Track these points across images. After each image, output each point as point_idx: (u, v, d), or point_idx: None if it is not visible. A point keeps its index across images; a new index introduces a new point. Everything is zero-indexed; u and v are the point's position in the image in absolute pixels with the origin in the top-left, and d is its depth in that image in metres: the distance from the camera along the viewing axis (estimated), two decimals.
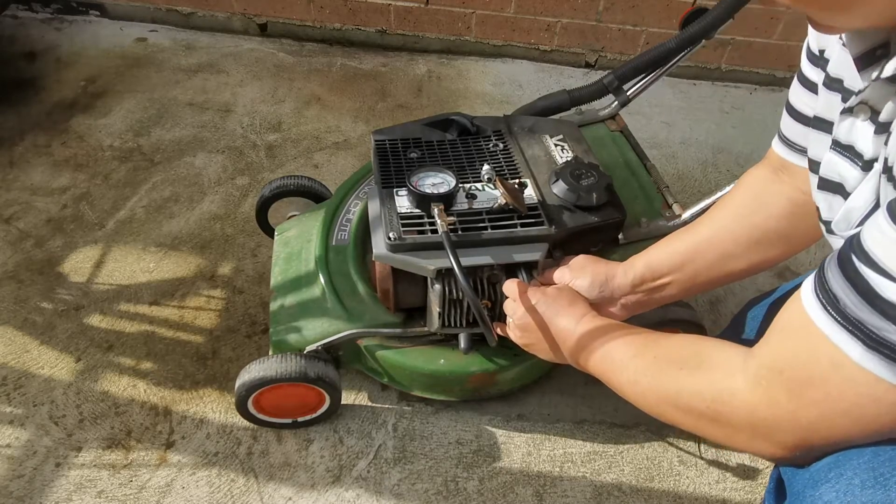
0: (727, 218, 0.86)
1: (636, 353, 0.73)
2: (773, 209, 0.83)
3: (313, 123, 1.75)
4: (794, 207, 0.82)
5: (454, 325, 1.01)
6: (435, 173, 0.96)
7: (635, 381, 0.72)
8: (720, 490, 1.07)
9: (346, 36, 2.05)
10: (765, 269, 0.91)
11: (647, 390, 0.70)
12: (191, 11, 2.03)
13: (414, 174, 0.95)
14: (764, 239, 0.85)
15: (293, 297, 1.07)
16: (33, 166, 1.57)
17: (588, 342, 0.79)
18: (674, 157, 1.71)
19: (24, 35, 1.98)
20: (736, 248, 0.85)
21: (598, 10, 1.90)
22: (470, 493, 1.05)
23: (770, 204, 0.84)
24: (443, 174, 0.96)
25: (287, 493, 1.03)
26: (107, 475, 1.04)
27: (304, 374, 0.98)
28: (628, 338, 0.76)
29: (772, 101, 1.93)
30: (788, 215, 0.83)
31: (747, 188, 0.86)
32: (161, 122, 1.72)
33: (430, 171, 0.96)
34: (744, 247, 0.85)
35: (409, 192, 0.94)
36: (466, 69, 1.99)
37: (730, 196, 0.88)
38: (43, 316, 1.26)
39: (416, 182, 0.94)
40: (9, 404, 1.12)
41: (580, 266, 0.92)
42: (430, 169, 0.97)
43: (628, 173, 1.12)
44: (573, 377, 1.21)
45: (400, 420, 1.13)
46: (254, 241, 1.42)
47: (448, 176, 0.95)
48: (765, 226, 0.84)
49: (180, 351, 1.22)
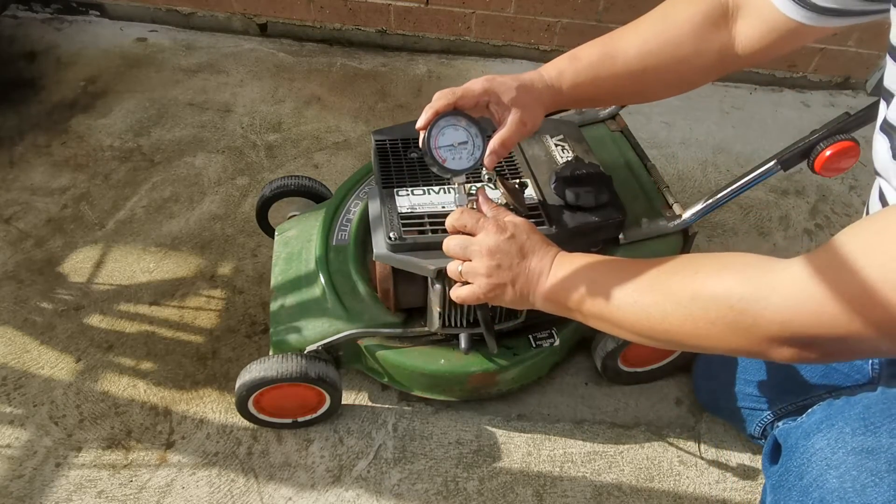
0: (644, 51, 0.80)
1: (636, 273, 0.65)
2: (696, 61, 0.79)
3: (313, 123, 1.75)
4: (721, 64, 0.79)
5: (454, 325, 1.01)
6: (459, 124, 0.78)
7: (634, 302, 0.64)
8: (720, 490, 1.07)
9: (346, 36, 2.05)
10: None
11: (651, 305, 0.63)
12: (191, 11, 2.03)
13: (437, 121, 0.77)
14: (663, 84, 0.82)
15: (293, 298, 1.07)
16: (33, 166, 1.57)
17: (573, 277, 0.70)
18: (674, 157, 1.71)
19: (24, 35, 1.98)
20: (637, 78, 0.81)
21: (598, 10, 1.90)
22: (470, 493, 1.05)
23: (699, 53, 0.78)
24: (468, 130, 0.79)
25: (287, 493, 1.03)
26: (107, 475, 1.04)
27: (305, 374, 0.98)
28: (620, 263, 0.70)
29: (772, 101, 1.94)
30: (707, 70, 0.80)
31: (682, 27, 0.79)
32: (161, 122, 1.72)
33: (453, 121, 0.78)
34: (641, 79, 0.81)
35: (425, 149, 0.77)
36: (466, 69, 1.99)
37: (659, 30, 0.80)
38: (43, 316, 1.26)
39: (436, 139, 0.77)
40: (9, 404, 1.12)
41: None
42: (454, 118, 0.78)
43: (628, 173, 1.12)
44: (573, 377, 1.21)
45: (400, 420, 1.13)
46: (254, 241, 1.42)
47: (473, 132, 0.79)
48: (676, 70, 0.80)
49: (180, 351, 1.22)
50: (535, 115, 0.80)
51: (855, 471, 0.61)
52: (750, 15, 0.75)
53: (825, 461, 0.64)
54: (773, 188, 1.63)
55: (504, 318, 1.02)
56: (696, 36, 0.78)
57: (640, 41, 0.80)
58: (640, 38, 0.80)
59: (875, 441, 0.62)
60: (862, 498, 0.60)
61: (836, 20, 0.69)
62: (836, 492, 0.62)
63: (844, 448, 0.63)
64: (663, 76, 0.81)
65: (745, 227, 1.54)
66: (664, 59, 0.80)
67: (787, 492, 0.68)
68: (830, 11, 0.68)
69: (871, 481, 0.60)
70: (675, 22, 0.79)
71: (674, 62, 0.80)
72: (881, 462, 0.60)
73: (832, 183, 1.68)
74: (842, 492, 0.61)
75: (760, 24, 0.74)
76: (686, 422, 1.16)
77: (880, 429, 0.62)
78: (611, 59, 0.81)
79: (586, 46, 0.83)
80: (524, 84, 0.79)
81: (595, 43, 0.83)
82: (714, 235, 1.51)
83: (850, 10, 0.67)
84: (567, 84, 0.82)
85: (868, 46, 1.87)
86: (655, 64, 0.80)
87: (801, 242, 1.51)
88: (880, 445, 0.61)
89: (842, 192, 1.67)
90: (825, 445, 0.65)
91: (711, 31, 0.77)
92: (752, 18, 0.75)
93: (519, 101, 0.78)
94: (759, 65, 0.81)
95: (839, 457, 0.63)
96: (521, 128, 0.78)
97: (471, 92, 0.77)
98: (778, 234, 1.52)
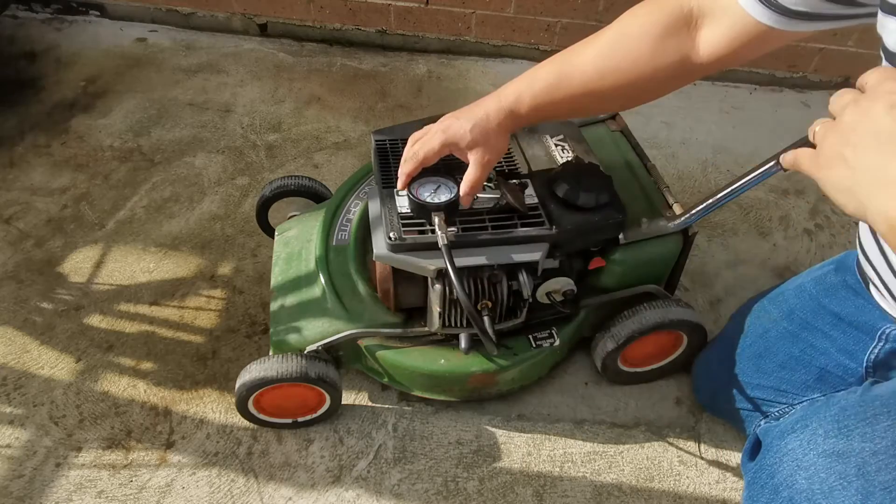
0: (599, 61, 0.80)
1: None
2: (656, 73, 0.78)
3: (313, 123, 1.75)
4: (683, 73, 0.78)
5: (455, 325, 1.01)
6: (436, 180, 0.93)
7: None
8: (720, 490, 1.07)
9: (346, 36, 2.05)
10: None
11: None
12: (191, 11, 2.03)
13: (414, 180, 0.92)
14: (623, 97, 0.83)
15: (293, 298, 1.07)
16: (33, 166, 1.57)
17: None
18: (674, 157, 1.71)
19: (24, 35, 1.98)
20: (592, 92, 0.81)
21: (598, 10, 1.89)
22: (470, 493, 1.05)
23: (659, 65, 0.77)
24: (444, 180, 0.93)
25: (287, 493, 1.03)
26: (107, 475, 1.04)
27: (305, 374, 0.98)
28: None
29: (772, 101, 1.93)
30: (668, 80, 0.79)
31: (640, 40, 0.78)
32: (161, 122, 1.72)
33: (430, 178, 0.93)
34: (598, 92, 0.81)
35: (409, 200, 0.91)
36: (466, 69, 1.99)
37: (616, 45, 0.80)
38: (43, 316, 1.26)
39: (417, 190, 0.92)
40: (9, 404, 1.12)
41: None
42: (430, 175, 0.94)
43: (628, 173, 1.12)
44: (573, 377, 1.21)
45: (400, 420, 1.13)
46: (254, 241, 1.42)
47: (449, 183, 0.93)
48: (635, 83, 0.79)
49: (180, 351, 1.22)
50: (495, 146, 0.86)
51: (824, 473, 0.62)
52: (716, 21, 0.74)
53: (796, 462, 0.64)
54: (773, 188, 1.63)
55: (504, 318, 1.02)
56: (655, 48, 0.77)
57: (598, 57, 0.80)
58: (598, 55, 0.81)
59: (846, 444, 0.62)
60: (829, 500, 0.60)
61: (805, 24, 0.68)
62: (805, 493, 0.62)
63: (815, 450, 0.63)
64: (623, 90, 0.81)
65: (745, 227, 1.54)
66: (622, 74, 0.79)
67: (759, 489, 0.69)
68: (800, 15, 0.66)
69: (840, 484, 0.60)
70: (633, 35, 0.79)
71: (633, 76, 0.79)
72: (850, 466, 0.60)
73: None
74: (810, 493, 0.62)
75: (727, 29, 0.73)
76: (686, 422, 1.16)
77: (853, 432, 0.63)
78: (567, 79, 0.82)
79: (545, 65, 0.84)
80: (478, 123, 0.84)
81: (553, 61, 0.84)
82: (714, 235, 1.51)
83: (821, 14, 0.66)
84: (525, 107, 0.85)
85: (868, 46, 1.87)
86: (613, 80, 0.80)
87: (801, 242, 1.51)
88: (851, 449, 0.61)
89: None
90: (797, 446, 0.65)
91: (671, 41, 0.77)
92: (718, 25, 0.74)
93: (476, 143, 0.84)
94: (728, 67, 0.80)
95: (810, 458, 0.63)
96: (484, 167, 0.86)
97: (432, 152, 0.86)
98: (778, 234, 1.52)
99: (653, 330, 1.05)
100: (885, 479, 0.59)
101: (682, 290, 1.38)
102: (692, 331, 1.10)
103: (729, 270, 1.43)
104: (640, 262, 1.04)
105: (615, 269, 1.04)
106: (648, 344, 1.11)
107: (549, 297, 1.02)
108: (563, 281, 1.00)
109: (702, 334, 1.12)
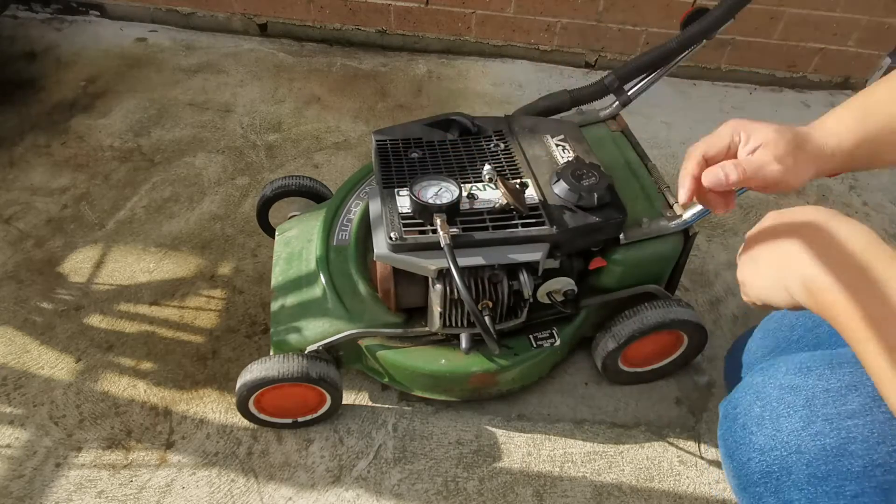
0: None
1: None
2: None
3: (313, 123, 1.75)
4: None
5: (455, 325, 1.01)
6: (438, 182, 0.93)
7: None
8: (720, 490, 1.07)
9: (346, 36, 2.05)
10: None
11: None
12: (191, 11, 2.03)
13: (416, 182, 0.92)
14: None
15: (294, 298, 1.07)
16: (33, 166, 1.57)
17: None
18: (674, 157, 1.71)
19: (24, 35, 1.98)
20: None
21: (598, 10, 1.90)
22: (470, 493, 1.05)
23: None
24: (446, 183, 0.93)
25: (287, 493, 1.03)
26: (107, 475, 1.04)
27: (306, 374, 0.98)
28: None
29: (772, 101, 1.94)
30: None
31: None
32: (161, 122, 1.72)
33: (432, 180, 0.94)
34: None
35: (411, 201, 0.91)
36: (466, 69, 1.99)
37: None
38: (43, 316, 1.26)
39: (419, 191, 0.92)
40: (9, 404, 1.12)
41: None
42: (432, 177, 0.94)
43: (629, 173, 1.12)
44: (573, 377, 1.21)
45: (400, 420, 1.13)
46: (254, 241, 1.42)
47: (451, 185, 0.93)
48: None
49: (180, 351, 1.22)
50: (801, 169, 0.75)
51: (776, 402, 0.68)
52: None
53: (756, 393, 0.71)
54: None
55: (505, 318, 1.02)
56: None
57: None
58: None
59: (802, 380, 0.68)
60: (774, 425, 0.67)
61: None
62: (756, 418, 0.69)
63: (774, 383, 0.70)
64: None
65: (745, 227, 1.54)
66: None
67: (723, 419, 0.75)
68: None
69: (786, 412, 0.67)
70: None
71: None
72: (800, 397, 0.67)
73: (832, 183, 1.68)
74: (760, 419, 0.69)
75: None
76: (686, 422, 1.16)
77: (811, 372, 0.68)
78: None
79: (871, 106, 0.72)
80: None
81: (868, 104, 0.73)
82: (714, 235, 1.51)
83: None
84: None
85: (868, 46, 1.87)
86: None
87: None
88: (805, 385, 0.67)
89: (842, 191, 1.67)
90: (760, 381, 0.72)
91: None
92: None
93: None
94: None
95: (767, 391, 0.70)
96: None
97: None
98: None
99: (654, 330, 1.05)
100: (829, 412, 0.64)
101: (682, 290, 1.38)
102: (693, 331, 1.10)
103: (729, 270, 1.43)
104: (641, 262, 1.04)
105: (616, 269, 1.04)
106: (649, 344, 1.11)
107: (550, 297, 1.02)
108: (563, 281, 1.00)
109: (702, 334, 1.12)
